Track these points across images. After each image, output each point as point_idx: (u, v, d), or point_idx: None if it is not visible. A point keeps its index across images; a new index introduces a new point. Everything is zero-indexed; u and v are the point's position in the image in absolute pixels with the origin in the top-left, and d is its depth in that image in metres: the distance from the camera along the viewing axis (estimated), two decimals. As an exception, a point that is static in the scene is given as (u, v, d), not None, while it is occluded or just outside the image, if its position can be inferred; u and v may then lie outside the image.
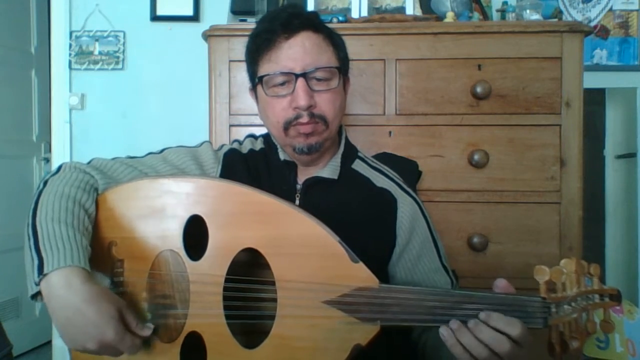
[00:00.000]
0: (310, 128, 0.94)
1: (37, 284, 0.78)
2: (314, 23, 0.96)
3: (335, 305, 0.78)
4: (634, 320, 1.59)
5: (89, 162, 0.99)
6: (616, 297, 0.76)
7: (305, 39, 0.94)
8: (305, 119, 0.93)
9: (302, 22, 0.95)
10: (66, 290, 0.76)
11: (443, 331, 0.74)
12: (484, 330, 0.71)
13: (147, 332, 0.83)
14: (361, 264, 0.79)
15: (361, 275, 0.78)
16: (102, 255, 0.90)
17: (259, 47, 0.96)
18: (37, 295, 0.80)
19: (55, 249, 0.79)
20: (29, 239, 0.82)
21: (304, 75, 0.92)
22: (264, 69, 0.96)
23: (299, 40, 0.94)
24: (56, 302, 0.77)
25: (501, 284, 0.77)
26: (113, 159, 1.01)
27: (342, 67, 0.99)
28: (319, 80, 0.94)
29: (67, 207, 0.85)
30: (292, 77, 0.93)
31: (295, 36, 0.94)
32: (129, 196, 0.91)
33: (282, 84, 0.94)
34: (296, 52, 0.93)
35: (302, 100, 0.92)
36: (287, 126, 0.95)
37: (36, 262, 0.78)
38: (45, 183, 0.91)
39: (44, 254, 0.78)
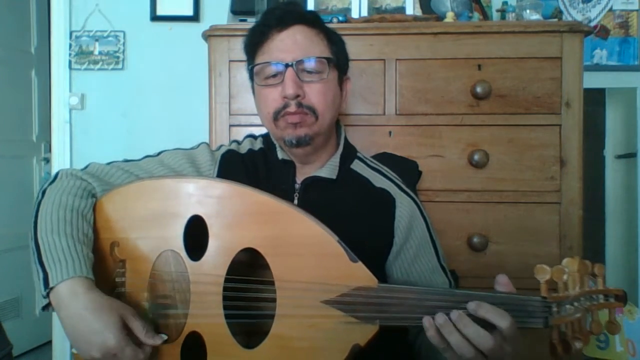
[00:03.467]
0: (298, 118, 0.94)
1: (45, 297, 0.80)
2: (308, 18, 0.98)
3: (334, 305, 0.78)
4: (634, 320, 1.59)
5: (85, 167, 1.00)
6: (622, 298, 0.75)
7: (297, 32, 0.95)
8: (292, 108, 0.93)
9: (296, 16, 0.96)
10: (71, 300, 0.79)
11: (424, 321, 0.73)
12: (467, 325, 0.70)
13: (156, 340, 0.82)
14: (360, 264, 0.79)
15: (360, 275, 0.78)
16: (104, 255, 0.91)
17: (253, 40, 0.99)
18: (47, 307, 0.82)
19: (58, 262, 0.81)
20: (33, 253, 0.84)
21: (293, 65, 0.93)
22: (258, 60, 0.98)
23: (291, 33, 0.95)
24: (64, 311, 0.79)
25: (502, 280, 0.76)
26: (109, 163, 1.02)
27: (335, 60, 0.99)
28: (309, 72, 0.95)
29: (65, 217, 0.87)
30: (282, 68, 0.94)
31: (287, 29, 0.95)
32: (131, 198, 0.92)
33: (275, 75, 0.95)
34: (287, 44, 0.95)
35: (289, 88, 0.92)
36: (276, 116, 0.96)
37: (41, 275, 0.81)
38: (43, 193, 0.92)
39: (47, 268, 0.80)
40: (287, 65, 0.93)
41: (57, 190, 0.91)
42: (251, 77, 1.02)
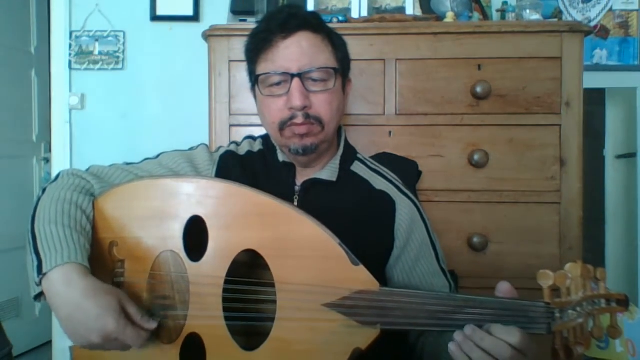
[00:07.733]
0: (305, 129, 0.93)
1: (38, 284, 0.79)
2: (312, 23, 0.96)
3: (335, 309, 0.78)
4: (633, 320, 1.58)
5: (87, 170, 0.99)
6: (623, 302, 0.74)
7: (303, 39, 0.94)
8: (300, 119, 0.93)
9: (300, 22, 0.94)
10: (66, 287, 0.77)
11: (452, 347, 0.73)
12: (485, 339, 0.70)
13: (152, 325, 0.82)
14: (362, 267, 0.78)
15: (362, 278, 0.78)
16: (103, 255, 0.90)
17: (256, 46, 0.97)
18: (39, 296, 0.81)
19: (54, 249, 0.80)
20: (29, 244, 0.83)
21: (300, 75, 0.92)
22: (261, 68, 0.96)
23: (296, 40, 0.93)
24: (57, 299, 0.78)
25: (504, 288, 0.76)
26: (110, 165, 1.01)
27: (341, 68, 0.99)
28: (315, 81, 0.94)
29: (63, 210, 0.86)
30: (288, 77, 0.93)
31: (292, 36, 0.93)
32: (131, 197, 0.91)
33: (279, 83, 0.94)
34: (293, 52, 0.93)
35: (296, 100, 0.91)
36: (282, 126, 0.95)
37: (35, 263, 0.79)
38: (44, 191, 0.92)
39: (42, 255, 0.79)
40: (293, 76, 0.92)
41: (57, 187, 0.91)
42: (251, 81, 1.01)
